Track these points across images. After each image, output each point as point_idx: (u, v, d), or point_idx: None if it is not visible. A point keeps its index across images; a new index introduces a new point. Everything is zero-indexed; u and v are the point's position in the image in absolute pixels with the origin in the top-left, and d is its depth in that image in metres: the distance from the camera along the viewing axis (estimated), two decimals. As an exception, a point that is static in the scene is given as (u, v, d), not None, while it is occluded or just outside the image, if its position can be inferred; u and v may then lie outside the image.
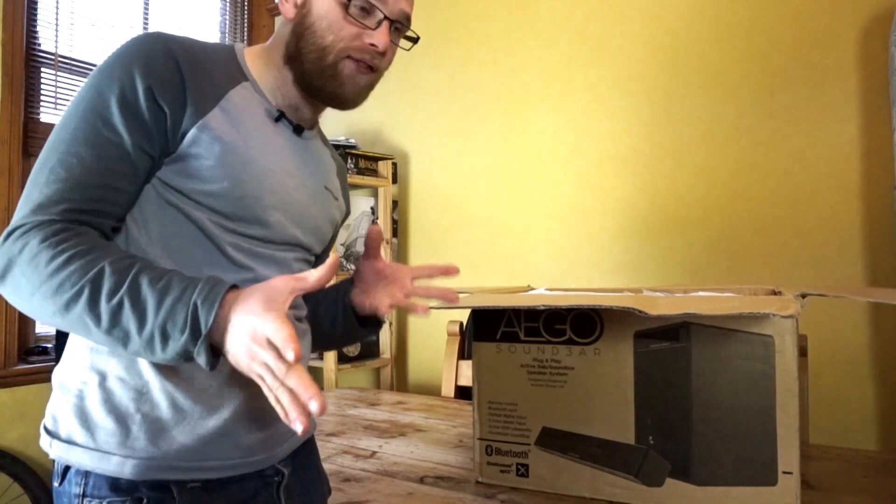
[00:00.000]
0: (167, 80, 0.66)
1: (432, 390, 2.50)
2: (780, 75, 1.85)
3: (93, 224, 0.64)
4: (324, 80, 0.75)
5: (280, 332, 0.53)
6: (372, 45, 0.74)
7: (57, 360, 1.92)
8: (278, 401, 0.54)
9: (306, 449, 0.85)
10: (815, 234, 1.79)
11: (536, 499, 0.94)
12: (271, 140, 0.75)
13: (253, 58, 0.78)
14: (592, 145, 2.18)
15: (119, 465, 0.64)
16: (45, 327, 2.17)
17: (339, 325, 0.88)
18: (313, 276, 0.59)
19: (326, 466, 1.11)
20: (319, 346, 0.91)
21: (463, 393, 1.78)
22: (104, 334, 0.58)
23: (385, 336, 2.57)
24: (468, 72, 2.48)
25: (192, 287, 0.58)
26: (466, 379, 1.74)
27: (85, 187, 0.63)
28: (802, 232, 1.80)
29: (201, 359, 0.57)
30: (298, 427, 0.52)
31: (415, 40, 0.82)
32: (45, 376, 2.04)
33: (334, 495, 0.96)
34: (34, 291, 0.59)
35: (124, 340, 0.58)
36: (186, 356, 0.58)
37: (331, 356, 2.24)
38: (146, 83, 0.65)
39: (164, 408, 0.65)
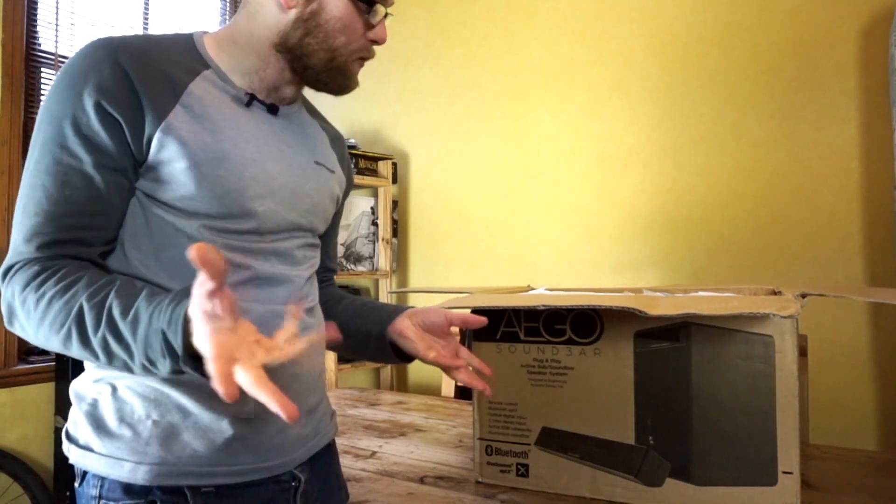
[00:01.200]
0: (114, 88, 0.63)
1: (432, 390, 2.50)
2: (780, 75, 1.85)
3: (73, 254, 0.63)
4: (331, 76, 0.75)
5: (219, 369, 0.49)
6: (374, 40, 0.75)
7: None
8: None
9: (327, 454, 0.83)
10: (815, 234, 1.79)
11: (536, 499, 0.94)
12: (244, 127, 0.72)
13: (217, 43, 0.74)
14: (592, 145, 2.18)
15: (132, 471, 0.64)
16: (45, 327, 2.17)
17: (370, 347, 0.86)
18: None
19: (326, 466, 1.11)
20: (335, 347, 0.91)
21: (463, 393, 1.78)
22: (107, 364, 0.60)
23: (385, 336, 2.57)
24: (468, 72, 2.48)
25: (157, 313, 0.56)
26: (466, 379, 1.74)
27: (55, 217, 0.62)
28: (802, 232, 1.80)
29: (190, 373, 0.56)
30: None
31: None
32: (45, 376, 2.04)
33: (334, 495, 0.96)
34: (36, 330, 0.61)
35: (126, 368, 0.60)
36: (181, 372, 0.57)
37: (331, 356, 2.24)
38: (94, 98, 0.63)
39: (175, 414, 0.66)
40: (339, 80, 0.76)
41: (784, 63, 1.84)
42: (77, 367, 1.93)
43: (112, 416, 0.66)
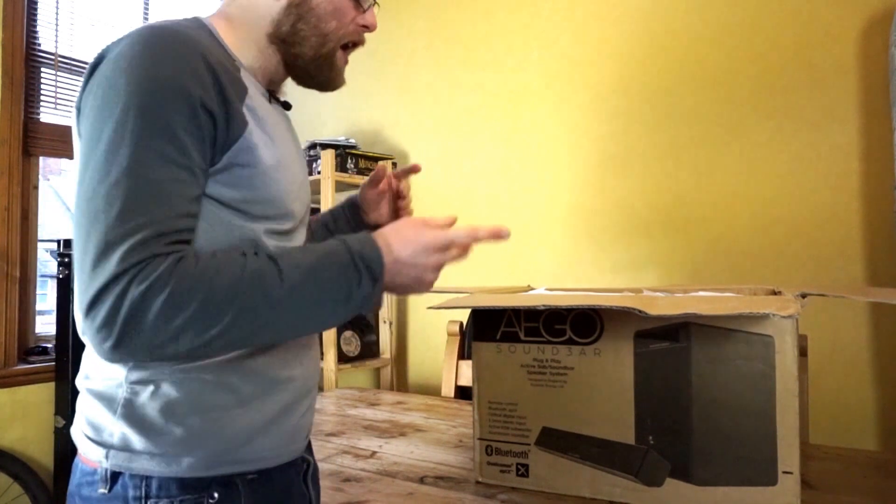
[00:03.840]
0: (209, 84, 0.61)
1: (432, 390, 2.50)
2: (780, 75, 1.85)
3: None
4: (319, 68, 0.75)
5: (453, 232, 0.69)
6: (364, 26, 0.75)
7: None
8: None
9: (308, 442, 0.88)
10: (815, 234, 1.79)
11: (536, 499, 0.94)
12: (279, 127, 0.74)
13: (225, 33, 0.72)
14: (592, 145, 2.18)
15: (191, 466, 0.65)
16: (45, 327, 2.17)
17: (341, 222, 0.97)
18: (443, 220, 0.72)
19: (326, 466, 1.11)
20: None
21: (463, 393, 1.78)
22: (280, 323, 0.61)
23: (385, 336, 2.57)
24: (468, 72, 2.48)
25: (342, 244, 0.65)
26: (466, 379, 1.74)
27: (168, 219, 0.57)
28: (802, 232, 1.80)
29: (373, 298, 0.65)
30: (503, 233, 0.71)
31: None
32: (45, 376, 2.04)
33: (334, 495, 0.97)
34: (181, 331, 0.56)
35: (308, 315, 0.62)
36: (366, 300, 0.65)
37: (331, 356, 2.24)
38: (198, 92, 0.60)
39: (221, 406, 0.66)
40: (326, 72, 0.76)
41: (784, 63, 1.84)
42: (77, 367, 1.93)
43: (156, 413, 0.64)
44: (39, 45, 2.13)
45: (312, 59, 0.74)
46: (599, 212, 2.15)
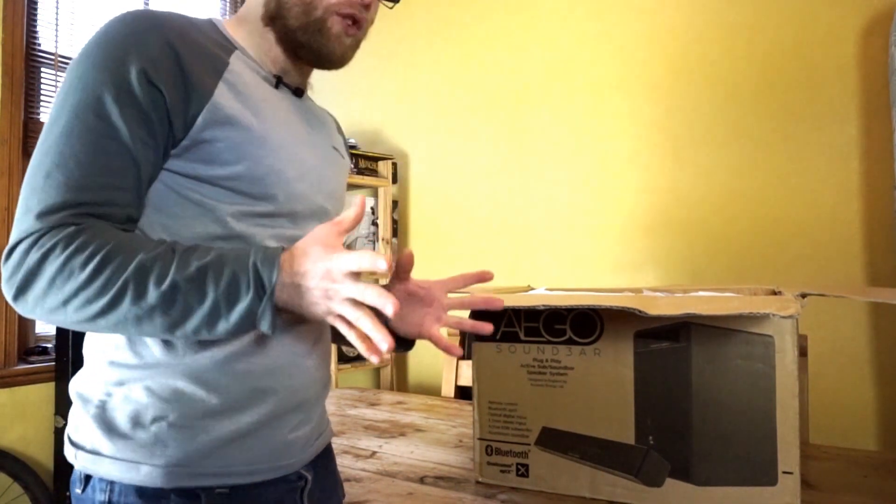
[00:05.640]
0: (160, 61, 0.61)
1: (432, 390, 2.50)
2: (780, 75, 1.85)
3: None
4: (309, 34, 0.71)
5: (358, 258, 0.55)
6: None
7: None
8: (360, 336, 0.57)
9: (325, 455, 0.83)
10: (815, 234, 1.79)
11: (536, 499, 0.94)
12: (278, 108, 0.72)
13: (233, 26, 0.74)
14: (592, 145, 2.18)
15: (149, 474, 0.62)
16: (45, 327, 2.17)
17: None
18: (348, 217, 0.60)
19: (326, 466, 1.11)
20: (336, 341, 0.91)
21: (463, 393, 1.78)
22: (157, 321, 0.58)
23: (385, 336, 2.57)
24: (468, 72, 2.48)
25: (244, 254, 0.59)
26: (466, 379, 1.74)
27: (85, 186, 0.59)
28: (802, 232, 1.80)
29: (266, 319, 0.58)
30: (374, 358, 0.57)
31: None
32: (45, 376, 2.04)
33: (334, 495, 0.96)
34: (68, 300, 0.57)
35: (181, 319, 0.58)
36: (250, 319, 0.58)
37: (331, 356, 2.24)
38: (138, 66, 0.60)
39: (193, 414, 0.64)
40: (319, 39, 0.71)
41: (784, 63, 1.84)
42: (77, 368, 1.93)
43: (125, 417, 0.63)
44: (39, 45, 2.13)
45: (302, 29, 0.71)
46: (600, 212, 2.15)
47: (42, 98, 2.15)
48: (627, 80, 2.11)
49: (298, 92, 0.78)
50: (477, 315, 1.02)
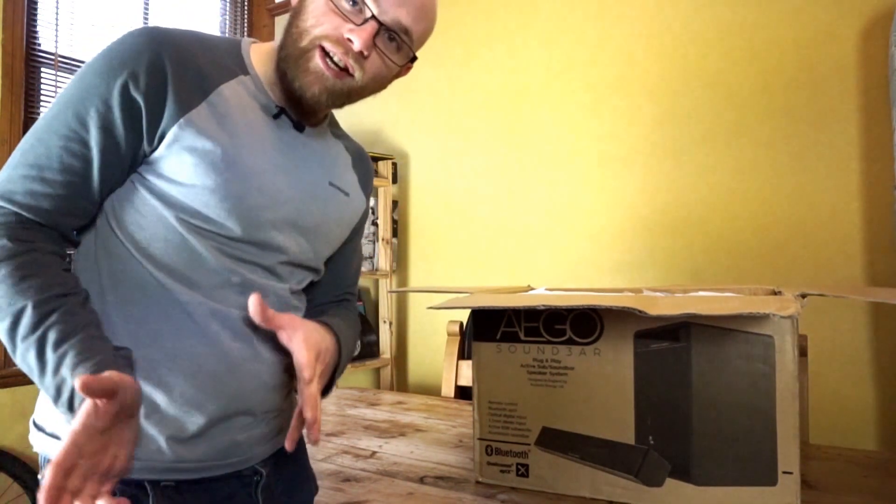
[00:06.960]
0: (146, 77, 0.64)
1: (432, 390, 2.50)
2: (780, 75, 1.85)
3: (53, 223, 0.65)
4: (289, 64, 0.70)
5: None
6: (348, 39, 0.68)
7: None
8: None
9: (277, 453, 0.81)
10: (815, 234, 1.79)
11: (536, 499, 0.94)
12: (263, 136, 0.72)
13: (259, 53, 0.76)
14: (592, 145, 2.18)
15: None
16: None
17: None
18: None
19: (326, 466, 1.11)
20: None
21: (463, 393, 1.78)
22: (12, 356, 0.61)
23: (385, 336, 2.57)
24: (468, 72, 2.48)
25: (84, 362, 0.58)
26: (466, 379, 1.74)
27: (43, 179, 0.63)
28: (802, 232, 1.80)
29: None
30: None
31: (411, 59, 0.76)
32: (45, 376, 2.04)
33: (334, 495, 0.96)
34: None
35: (30, 374, 0.60)
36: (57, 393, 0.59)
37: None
38: (122, 80, 0.64)
39: (142, 409, 0.64)
40: (295, 71, 0.69)
41: (784, 63, 1.85)
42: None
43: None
44: (39, 45, 2.13)
45: (290, 57, 0.70)
46: (599, 212, 2.15)
47: (42, 98, 2.15)
48: (627, 81, 2.11)
49: (299, 126, 0.77)
50: (477, 316, 1.02)
